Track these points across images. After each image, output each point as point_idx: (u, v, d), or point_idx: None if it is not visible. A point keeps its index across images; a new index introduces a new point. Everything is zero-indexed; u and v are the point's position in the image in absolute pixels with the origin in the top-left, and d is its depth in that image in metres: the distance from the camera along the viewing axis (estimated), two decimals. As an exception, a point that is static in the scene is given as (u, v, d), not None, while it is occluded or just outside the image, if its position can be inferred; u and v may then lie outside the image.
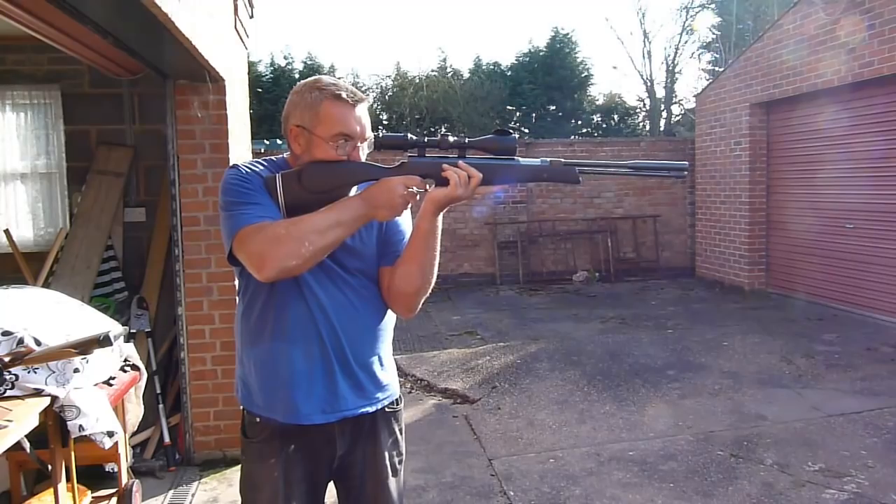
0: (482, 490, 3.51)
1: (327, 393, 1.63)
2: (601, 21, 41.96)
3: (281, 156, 1.70)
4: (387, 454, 1.79)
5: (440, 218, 1.59)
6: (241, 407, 1.74)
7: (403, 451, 1.87)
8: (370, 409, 1.72)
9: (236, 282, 1.74)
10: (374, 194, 1.52)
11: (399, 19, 37.34)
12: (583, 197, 10.42)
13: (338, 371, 1.64)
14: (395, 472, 1.83)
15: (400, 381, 5.86)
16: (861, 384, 4.94)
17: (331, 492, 1.82)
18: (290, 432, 1.65)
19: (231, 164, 1.69)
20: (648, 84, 21.10)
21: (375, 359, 1.72)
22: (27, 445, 2.42)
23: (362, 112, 1.60)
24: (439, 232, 1.62)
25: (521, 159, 1.59)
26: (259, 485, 1.69)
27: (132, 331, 3.82)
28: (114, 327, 2.66)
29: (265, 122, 18.11)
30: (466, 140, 1.58)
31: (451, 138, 1.57)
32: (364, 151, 1.63)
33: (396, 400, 1.84)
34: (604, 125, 20.56)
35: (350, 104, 1.58)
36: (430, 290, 1.70)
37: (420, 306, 1.71)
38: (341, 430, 1.69)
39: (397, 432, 1.84)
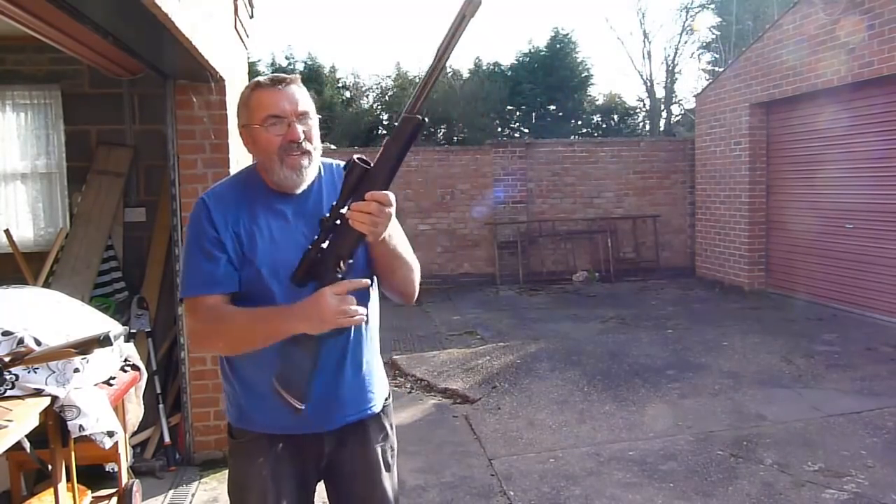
0: (482, 490, 3.51)
1: (319, 405, 1.62)
2: (601, 21, 42.00)
3: (251, 164, 1.74)
4: (378, 449, 1.77)
5: (388, 238, 1.54)
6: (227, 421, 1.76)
7: (395, 444, 1.84)
8: (363, 416, 1.73)
9: None
10: (306, 309, 1.47)
11: (399, 19, 37.35)
12: (583, 197, 10.42)
13: (330, 382, 1.65)
14: (388, 468, 1.80)
15: (400, 381, 5.84)
16: (861, 384, 4.94)
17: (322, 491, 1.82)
18: (277, 434, 1.67)
19: (200, 195, 1.70)
20: (648, 84, 21.11)
21: (367, 365, 1.73)
22: (27, 445, 2.42)
23: (291, 91, 1.63)
24: (398, 245, 1.62)
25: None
26: (248, 485, 1.69)
27: (132, 331, 3.82)
28: (114, 327, 2.66)
29: (265, 122, 18.10)
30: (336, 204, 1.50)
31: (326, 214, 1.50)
32: (307, 125, 1.63)
33: (386, 396, 1.83)
34: (604, 125, 20.55)
35: (272, 87, 1.62)
36: (419, 274, 1.71)
37: (418, 288, 1.73)
38: (329, 436, 1.70)
39: (388, 427, 1.81)
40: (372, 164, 1.47)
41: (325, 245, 1.49)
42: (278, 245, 1.61)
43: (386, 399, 1.82)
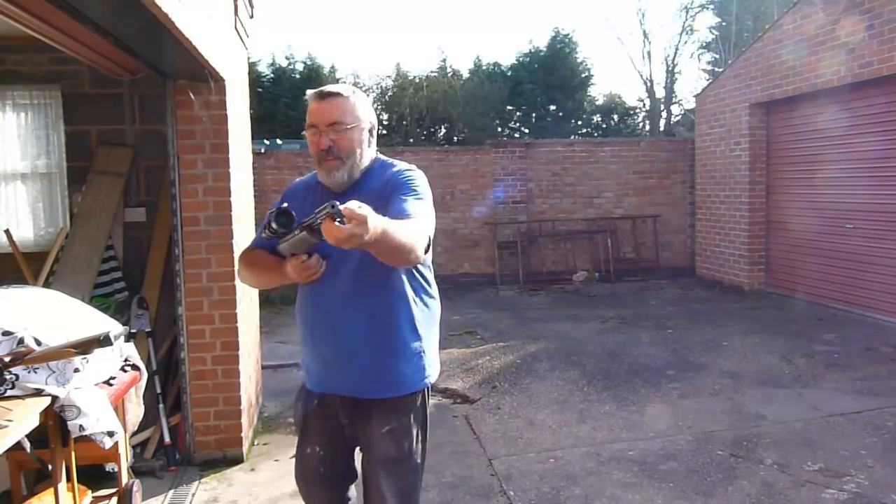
0: (482, 490, 3.51)
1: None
2: (601, 21, 41.97)
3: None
4: (382, 436, 1.98)
5: (370, 233, 1.52)
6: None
7: (414, 439, 2.00)
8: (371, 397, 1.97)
9: None
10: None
11: (399, 19, 37.34)
12: (583, 197, 10.42)
13: (344, 353, 1.96)
14: (393, 459, 1.99)
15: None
16: (861, 384, 4.94)
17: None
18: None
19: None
20: (648, 84, 21.11)
21: (387, 353, 1.95)
22: (27, 445, 2.42)
23: (329, 104, 1.92)
24: (383, 234, 1.58)
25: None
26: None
27: (132, 331, 3.82)
28: (114, 327, 2.66)
29: (265, 122, 18.10)
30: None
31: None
32: (338, 135, 1.91)
33: (413, 391, 2.01)
34: (604, 125, 20.54)
35: (314, 100, 1.95)
36: (420, 241, 1.76)
37: (416, 249, 1.74)
38: (343, 405, 2.01)
39: (404, 419, 1.99)
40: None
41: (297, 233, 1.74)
42: None
43: (412, 393, 1.99)
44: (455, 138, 19.01)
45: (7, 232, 4.13)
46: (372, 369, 1.94)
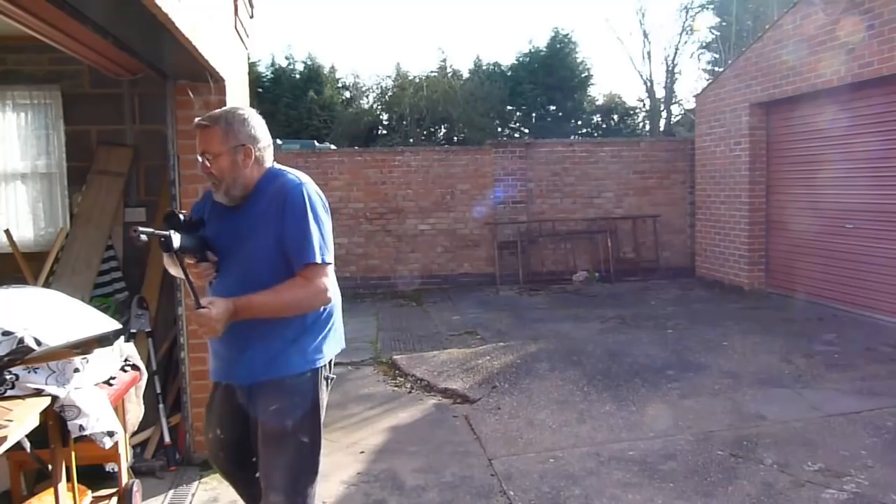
0: (482, 490, 3.51)
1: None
2: (601, 21, 42.00)
3: None
4: (266, 415, 2.19)
5: (235, 317, 2.05)
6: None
7: (298, 414, 2.19)
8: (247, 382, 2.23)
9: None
10: None
11: (399, 19, 37.33)
12: (583, 197, 10.42)
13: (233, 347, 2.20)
14: (275, 435, 2.18)
15: (400, 381, 5.86)
16: (861, 384, 4.94)
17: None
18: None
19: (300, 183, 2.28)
20: (648, 84, 21.11)
21: (255, 343, 2.18)
22: (27, 445, 2.42)
23: (203, 134, 2.19)
24: (257, 310, 2.09)
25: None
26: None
27: (132, 331, 3.82)
28: (114, 327, 2.66)
29: (265, 122, 18.11)
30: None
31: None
32: (209, 161, 2.18)
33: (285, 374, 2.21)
34: (604, 125, 20.54)
35: (195, 129, 2.20)
36: (311, 303, 2.19)
37: (313, 306, 2.24)
38: (240, 388, 2.25)
39: (281, 398, 2.19)
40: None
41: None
42: None
43: (297, 374, 2.19)
44: (455, 138, 19.00)
45: (7, 232, 4.13)
46: (261, 355, 2.17)
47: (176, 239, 2.03)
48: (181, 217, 2.12)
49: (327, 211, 2.28)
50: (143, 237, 1.95)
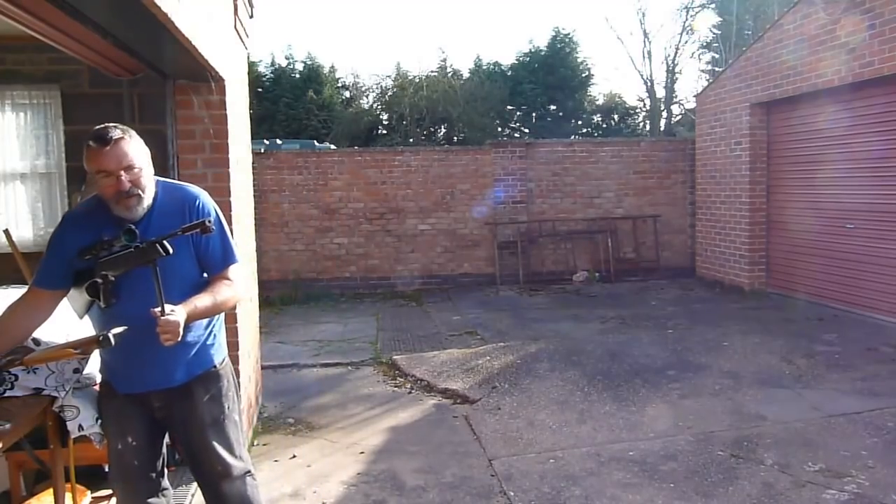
0: (482, 490, 3.50)
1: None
2: (601, 21, 42.01)
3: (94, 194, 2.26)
4: (203, 409, 2.32)
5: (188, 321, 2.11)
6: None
7: (228, 403, 2.38)
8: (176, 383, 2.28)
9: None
10: None
11: (399, 19, 37.34)
12: (583, 197, 10.41)
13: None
14: (216, 422, 2.33)
15: (400, 382, 5.86)
16: (861, 384, 4.94)
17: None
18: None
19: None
20: (648, 84, 21.11)
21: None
22: (27, 445, 2.42)
23: (117, 150, 2.10)
24: (202, 313, 2.19)
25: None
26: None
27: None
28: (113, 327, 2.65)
29: (265, 122, 18.12)
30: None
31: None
32: (134, 174, 2.15)
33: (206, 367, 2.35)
34: (604, 125, 20.54)
35: (98, 146, 2.09)
36: (237, 300, 2.42)
37: (239, 298, 2.47)
38: (156, 394, 2.28)
39: (214, 391, 2.35)
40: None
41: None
42: None
43: (217, 365, 2.37)
44: (455, 138, 19.00)
45: (6, 232, 4.13)
46: (186, 357, 2.26)
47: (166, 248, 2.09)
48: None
49: None
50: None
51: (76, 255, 2.14)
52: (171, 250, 2.07)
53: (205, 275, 2.32)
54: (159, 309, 1.99)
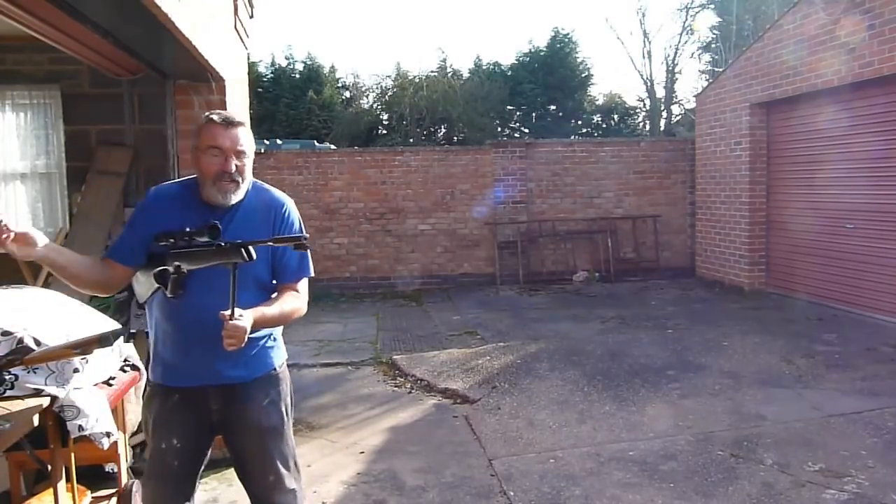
0: (482, 490, 3.50)
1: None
2: (601, 21, 42.01)
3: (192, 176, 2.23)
4: (262, 413, 2.22)
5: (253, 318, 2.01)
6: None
7: (285, 409, 2.29)
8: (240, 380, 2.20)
9: None
10: None
11: (399, 19, 37.34)
12: (583, 197, 10.42)
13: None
14: (275, 430, 2.24)
15: (400, 382, 5.86)
16: (861, 384, 4.94)
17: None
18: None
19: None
20: (648, 84, 21.10)
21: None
22: (27, 445, 2.42)
23: (235, 132, 2.11)
24: (267, 322, 2.12)
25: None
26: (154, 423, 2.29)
27: (132, 331, 3.81)
28: (113, 327, 2.66)
29: (265, 122, 18.12)
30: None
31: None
32: (242, 162, 2.12)
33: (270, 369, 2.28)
34: (604, 125, 20.54)
35: (219, 124, 2.10)
36: (299, 312, 2.27)
37: (299, 314, 2.28)
38: (213, 393, 2.19)
39: (274, 395, 2.26)
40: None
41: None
42: None
43: (277, 368, 2.29)
44: (455, 138, 18.99)
45: (7, 232, 4.12)
46: (247, 355, 2.17)
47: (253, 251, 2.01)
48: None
49: None
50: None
51: (153, 238, 2.07)
52: (255, 257, 1.99)
53: (273, 281, 2.25)
54: (229, 312, 1.92)
